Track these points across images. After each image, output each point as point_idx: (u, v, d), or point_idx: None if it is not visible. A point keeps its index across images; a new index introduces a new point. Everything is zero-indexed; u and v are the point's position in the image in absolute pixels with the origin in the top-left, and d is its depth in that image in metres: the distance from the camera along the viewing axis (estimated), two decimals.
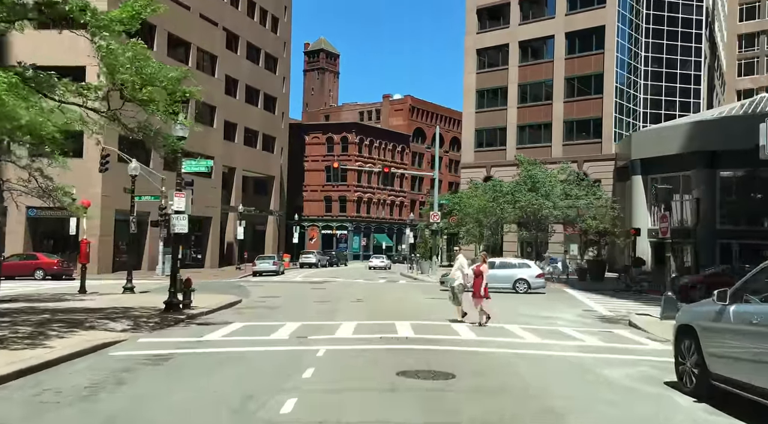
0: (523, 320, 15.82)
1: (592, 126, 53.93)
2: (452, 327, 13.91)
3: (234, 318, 15.31)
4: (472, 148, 60.66)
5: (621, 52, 53.75)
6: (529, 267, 27.74)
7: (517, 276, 26.62)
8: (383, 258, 59.91)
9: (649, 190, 45.21)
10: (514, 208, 45.33)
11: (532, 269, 27.45)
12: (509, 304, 20.41)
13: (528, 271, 27.10)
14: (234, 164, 54.39)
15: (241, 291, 25.51)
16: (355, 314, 16.56)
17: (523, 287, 26.31)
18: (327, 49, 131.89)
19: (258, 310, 17.75)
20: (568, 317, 17.07)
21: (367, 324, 14.24)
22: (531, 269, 27.51)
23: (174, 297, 15.65)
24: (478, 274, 14.76)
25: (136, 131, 13.81)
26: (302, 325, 13.93)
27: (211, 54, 48.08)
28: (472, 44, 60.86)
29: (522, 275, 26.65)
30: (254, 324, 14.09)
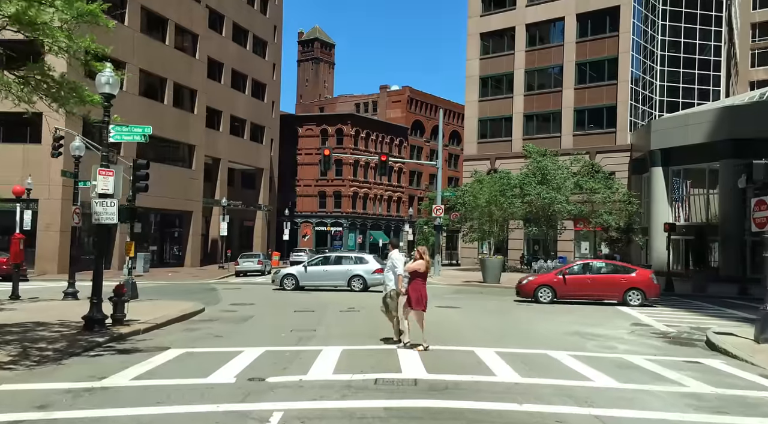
0: (567, 342, 11.84)
1: (606, 115, 49.87)
2: (477, 357, 9.87)
3: (177, 340, 11.30)
4: (475, 139, 56.59)
5: (637, 34, 49.74)
6: (366, 262, 24.79)
7: (353, 272, 24.24)
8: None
9: (670, 182, 41.39)
10: (523, 202, 41.45)
11: (370, 265, 24.49)
12: (530, 315, 16.48)
13: (364, 267, 24.49)
14: (218, 155, 50.26)
15: (211, 296, 21.50)
16: (343, 332, 12.56)
17: (359, 285, 23.98)
18: (322, 38, 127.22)
19: (218, 325, 13.71)
20: (622, 335, 13.11)
21: (358, 351, 10.23)
22: (368, 264, 24.58)
23: (97, 311, 11.60)
24: (416, 275, 10.72)
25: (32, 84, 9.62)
26: (266, 353, 9.91)
27: (191, 33, 43.92)
28: (476, 28, 56.76)
29: (358, 271, 24.25)
30: (199, 352, 10.05)
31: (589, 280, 20.34)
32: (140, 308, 15.80)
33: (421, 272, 10.68)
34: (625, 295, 19.83)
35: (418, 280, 10.66)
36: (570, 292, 20.31)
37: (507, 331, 13.33)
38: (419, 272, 10.66)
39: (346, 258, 25.80)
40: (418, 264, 10.71)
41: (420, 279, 10.68)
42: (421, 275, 10.69)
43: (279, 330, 12.81)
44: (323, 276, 24.58)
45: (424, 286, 10.77)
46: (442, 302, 20.08)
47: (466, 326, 14.09)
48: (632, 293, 19.84)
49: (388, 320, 11.18)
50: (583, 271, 21.11)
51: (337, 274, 24.48)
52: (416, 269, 10.66)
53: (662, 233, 41.09)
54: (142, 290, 23.26)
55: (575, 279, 20.45)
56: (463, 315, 16.30)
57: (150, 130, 12.43)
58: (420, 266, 10.69)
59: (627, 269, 21.37)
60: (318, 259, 26.22)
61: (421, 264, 10.73)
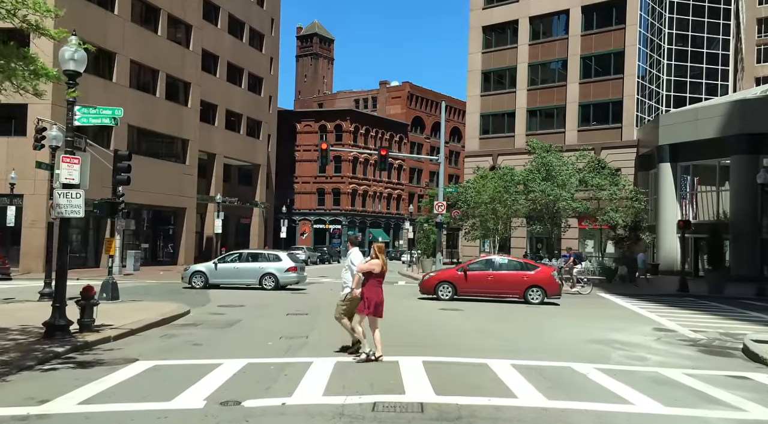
0: (589, 351, 10.54)
1: (611, 109, 48.53)
2: (491, 372, 8.55)
3: (149, 349, 9.98)
4: (477, 135, 55.25)
5: (644, 27, 48.39)
6: (279, 260, 23.86)
7: (265, 270, 23.37)
8: None
9: (679, 179, 40.10)
10: (527, 199, 40.13)
11: (283, 263, 23.62)
12: (540, 319, 15.19)
13: (277, 264, 23.63)
14: (213, 150, 48.90)
15: (199, 297, 20.17)
16: (338, 339, 11.22)
17: (271, 283, 23.20)
18: (321, 33, 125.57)
19: (200, 331, 12.38)
20: (647, 342, 11.81)
21: (354, 364, 8.90)
22: (281, 262, 23.67)
23: (60, 316, 10.27)
24: (371, 276, 9.43)
25: None
26: (248, 366, 8.59)
27: (185, 23, 42.50)
28: (478, 21, 55.39)
29: (270, 270, 23.40)
30: (170, 365, 8.72)
31: (490, 277, 19.84)
32: (118, 311, 14.50)
33: (375, 273, 9.35)
34: (526, 292, 19.58)
35: (373, 282, 9.35)
36: (471, 289, 19.87)
37: (519, 337, 12.02)
38: (374, 273, 9.34)
39: (259, 255, 24.75)
40: (373, 264, 9.38)
41: (375, 281, 9.36)
42: (376, 276, 9.35)
43: (267, 337, 11.49)
44: (234, 274, 23.55)
45: (380, 289, 9.46)
46: (445, 303, 18.81)
47: (473, 331, 12.78)
48: (533, 291, 19.56)
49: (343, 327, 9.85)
50: (486, 267, 20.52)
51: (249, 272, 23.51)
52: (370, 269, 9.33)
53: (671, 232, 39.96)
54: (128, 290, 21.99)
55: (476, 276, 20.03)
56: (467, 318, 14.99)
57: (121, 112, 11.08)
58: (374, 266, 9.36)
59: (529, 266, 20.87)
60: (229, 256, 25.05)
61: (376, 264, 9.39)
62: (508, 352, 10.21)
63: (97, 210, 16.76)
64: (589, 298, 22.65)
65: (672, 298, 23.20)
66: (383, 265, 9.48)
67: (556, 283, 19.91)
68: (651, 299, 22.32)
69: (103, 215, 15.77)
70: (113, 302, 16.99)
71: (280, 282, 23.25)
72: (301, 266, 25.20)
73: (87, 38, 34.43)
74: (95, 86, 34.26)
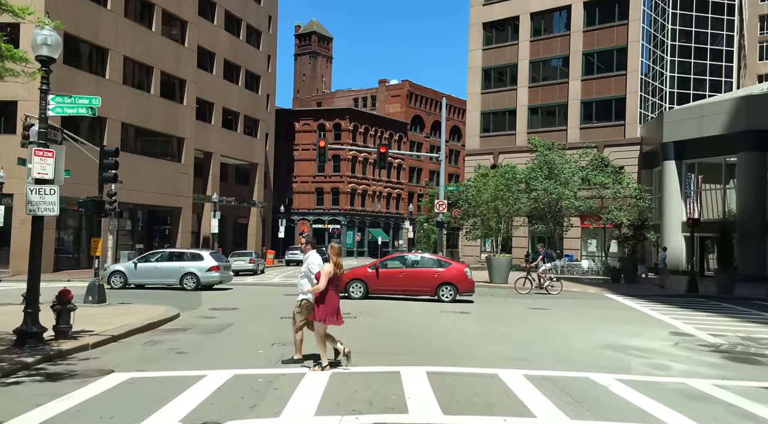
0: (606, 359, 9.74)
1: (614, 106, 47.77)
2: (503, 385, 7.75)
3: (129, 359, 9.17)
4: (477, 133, 54.45)
5: (647, 23, 47.60)
6: (201, 259, 23.24)
7: (186, 270, 22.79)
8: None
9: (684, 177, 39.29)
10: (529, 198, 39.35)
11: (204, 262, 23.03)
12: (549, 322, 14.40)
13: (198, 264, 23.07)
14: (210, 149, 48.09)
15: (192, 299, 19.38)
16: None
17: (192, 283, 22.67)
18: (319, 31, 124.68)
19: (187, 337, 11.58)
20: (666, 348, 11.01)
21: (351, 376, 8.10)
22: (203, 261, 23.07)
23: (32, 322, 9.46)
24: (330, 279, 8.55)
25: None
26: (234, 379, 7.78)
27: (180, 19, 41.67)
28: (478, 17, 54.61)
29: (191, 269, 22.86)
30: (148, 377, 7.91)
31: (402, 274, 19.25)
32: (102, 315, 13.71)
33: (330, 278, 8.48)
34: (438, 290, 19.14)
35: (331, 289, 8.49)
36: (382, 287, 19.40)
37: (530, 343, 11.22)
38: (329, 279, 8.45)
39: (180, 255, 24.05)
40: (325, 269, 8.51)
41: (330, 287, 8.52)
42: (330, 281, 8.50)
43: (258, 343, 10.69)
44: (154, 273, 22.94)
45: (335, 295, 8.58)
46: (448, 306, 18.00)
47: (480, 337, 11.98)
48: (445, 288, 19.14)
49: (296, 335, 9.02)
50: (399, 265, 19.99)
51: (169, 271, 22.86)
52: (328, 273, 8.44)
53: (675, 230, 39.19)
54: (117, 293, 21.22)
55: (388, 273, 19.61)
56: (474, 322, 14.19)
57: (98, 102, 10.27)
58: (330, 271, 8.47)
59: (443, 263, 20.31)
60: (152, 255, 24.38)
61: (329, 269, 8.50)
62: (519, 360, 9.41)
63: (83, 209, 15.95)
64: (596, 299, 21.85)
65: (682, 299, 22.42)
66: (336, 269, 8.56)
67: (468, 280, 19.43)
68: (660, 299, 21.55)
69: (89, 214, 14.95)
70: (99, 305, 16.20)
71: (201, 282, 22.70)
72: (226, 265, 24.61)
73: (79, 33, 33.81)
74: (87, 83, 33.42)
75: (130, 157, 37.08)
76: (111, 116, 35.21)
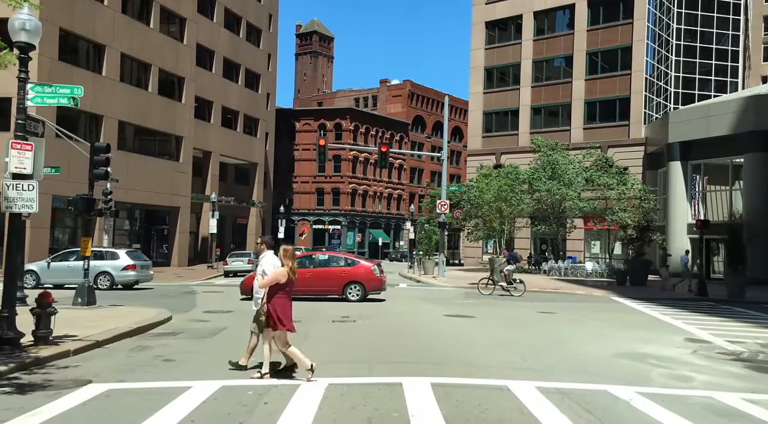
0: (623, 369, 9.10)
1: (618, 107, 47.15)
2: (515, 400, 7.12)
3: (110, 367, 8.55)
4: (479, 133, 53.84)
5: (651, 22, 46.97)
6: (116, 258, 22.89)
7: (100, 269, 22.27)
8: None
9: (689, 178, 38.67)
10: (532, 198, 38.74)
11: (120, 260, 22.70)
12: (558, 326, 13.76)
13: (113, 262, 22.76)
14: (209, 148, 47.48)
15: (186, 301, 18.78)
16: (334, 353, 9.82)
17: (106, 282, 22.40)
18: (320, 31, 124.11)
19: (177, 342, 10.95)
20: (684, 357, 10.38)
21: (350, 388, 7.47)
22: (118, 260, 22.75)
23: (8, 327, 8.83)
24: (276, 287, 7.89)
25: None
26: (221, 391, 7.16)
27: (179, 16, 41.08)
28: (481, 16, 54.04)
29: (105, 268, 22.49)
30: (127, 389, 7.28)
31: (309, 274, 18.48)
32: (89, 319, 13.09)
33: (282, 283, 7.81)
34: (345, 289, 18.81)
35: (280, 294, 7.82)
36: None
37: (540, 351, 10.58)
38: (280, 284, 7.80)
39: (97, 254, 23.12)
40: (278, 274, 7.79)
41: (282, 292, 7.82)
42: (281, 286, 7.81)
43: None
44: (68, 273, 22.14)
45: (286, 301, 7.92)
46: (452, 308, 17.37)
47: (484, 342, 11.34)
48: (352, 287, 18.83)
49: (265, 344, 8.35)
50: (305, 264, 19.34)
51: (82, 270, 22.09)
52: (276, 281, 7.76)
53: (681, 232, 38.52)
54: (111, 293, 20.63)
55: None
56: (479, 327, 13.55)
57: (81, 91, 9.65)
58: (280, 276, 7.78)
59: (350, 261, 19.89)
60: (69, 254, 23.69)
61: (281, 274, 7.80)
62: (530, 370, 8.78)
63: (72, 207, 15.31)
64: (603, 302, 21.19)
65: (691, 302, 21.76)
66: (290, 273, 7.87)
67: (377, 278, 19.03)
68: (669, 303, 20.91)
69: (79, 212, 14.35)
70: (88, 307, 15.58)
71: (115, 281, 22.47)
72: (145, 264, 24.04)
73: (75, 29, 33.19)
74: (83, 79, 32.80)
75: (128, 155, 36.53)
76: (107, 114, 34.62)
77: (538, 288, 26.16)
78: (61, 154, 29.49)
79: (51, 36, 30.93)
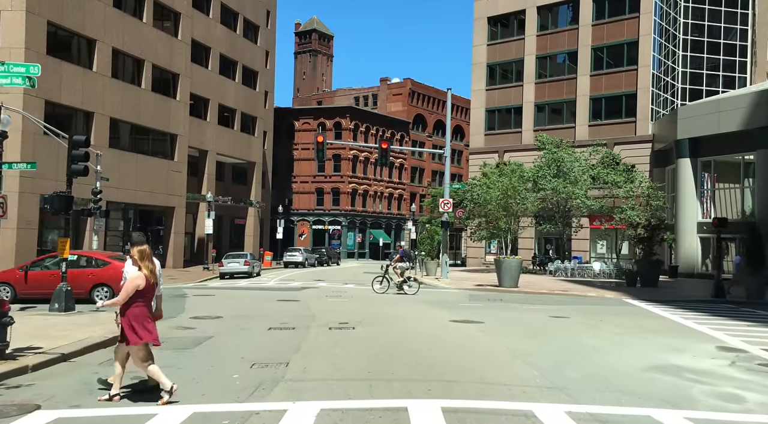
0: (660, 386, 7.95)
1: (625, 103, 46.02)
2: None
3: (70, 386, 7.41)
4: (482, 131, 52.72)
5: (658, 16, 45.81)
6: None
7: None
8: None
9: (699, 175, 37.52)
10: (537, 197, 37.61)
11: None
12: (578, 333, 12.61)
13: None
14: (205, 146, 46.35)
15: (175, 305, 17.63)
16: (329, 369, 8.66)
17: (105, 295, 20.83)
18: (320, 29, 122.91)
19: (154, 354, 9.76)
20: (723, 369, 9.23)
21: (346, 414, 6.31)
22: None
23: None
24: (136, 295, 6.71)
25: None
26: (192, 418, 6.02)
27: (173, 11, 39.96)
28: (483, 12, 52.93)
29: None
30: (81, 418, 6.13)
31: (53, 276, 17.30)
32: (61, 327, 11.95)
33: (141, 290, 6.67)
34: (92, 292, 17.84)
35: (139, 302, 6.68)
36: (32, 290, 17.84)
37: (562, 364, 9.41)
38: (139, 291, 6.64)
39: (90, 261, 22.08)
40: (134, 282, 6.64)
41: (140, 300, 6.68)
42: (140, 294, 6.67)
43: (236, 364, 8.91)
44: None
45: (143, 309, 6.74)
46: (459, 313, 16.20)
47: (500, 355, 10.16)
48: (99, 290, 17.91)
49: None
50: (52, 266, 18.38)
51: None
52: (134, 288, 6.61)
53: (690, 231, 37.36)
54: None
55: (39, 275, 18.18)
56: (489, 335, 12.38)
57: (38, 70, 8.53)
58: (138, 281, 6.64)
59: (99, 262, 18.94)
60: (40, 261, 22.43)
61: (139, 278, 6.66)
62: (554, 389, 7.61)
63: (48, 205, 14.19)
64: (616, 305, 20.02)
65: (709, 304, 20.62)
66: (150, 276, 6.73)
67: None
68: (686, 305, 19.76)
69: (54, 211, 13.26)
70: (66, 313, 14.45)
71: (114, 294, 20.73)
72: None
73: (64, 23, 32.01)
74: (72, 74, 31.76)
75: (120, 153, 35.43)
76: (98, 111, 33.50)
77: (546, 290, 25.02)
78: (50, 152, 28.40)
79: (39, 29, 29.84)
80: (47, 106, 30.22)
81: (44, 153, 28.47)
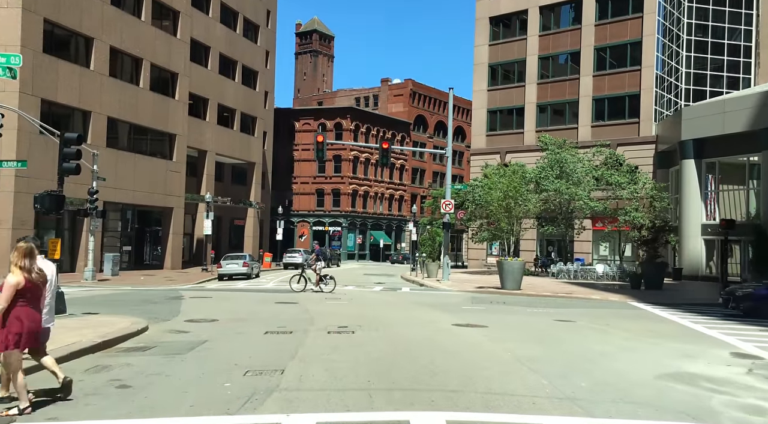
0: (678, 397, 7.52)
1: (628, 103, 45.60)
2: None
3: (45, 400, 6.96)
4: (483, 132, 52.32)
5: (662, 16, 45.39)
6: None
7: None
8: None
9: (704, 176, 37.07)
10: (539, 198, 37.17)
11: None
12: (583, 338, 12.17)
13: None
14: (204, 146, 45.95)
15: (170, 308, 17.22)
16: (327, 377, 8.22)
17: None
18: (320, 30, 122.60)
19: (143, 360, 9.37)
20: (741, 378, 8.81)
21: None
22: None
23: None
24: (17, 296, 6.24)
25: None
26: None
27: (172, 9, 39.58)
28: (485, 12, 52.56)
29: None
30: None
31: None
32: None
33: (20, 289, 6.20)
34: None
35: (21, 302, 6.21)
36: None
37: (571, 371, 8.97)
38: (19, 291, 6.19)
39: None
40: (10, 286, 6.15)
41: (22, 300, 6.21)
42: (21, 293, 6.20)
43: (229, 371, 8.48)
44: None
45: (31, 310, 6.31)
46: (460, 316, 15.76)
47: (505, 362, 9.71)
48: None
49: None
50: None
51: None
52: (10, 294, 6.14)
53: (694, 233, 36.91)
54: (90, 299, 19.12)
55: None
56: (493, 340, 11.94)
57: (19, 60, 8.11)
58: (17, 282, 6.19)
59: None
60: None
61: (15, 283, 6.19)
62: (566, 400, 7.16)
63: (38, 205, 13.77)
64: (622, 308, 19.58)
65: (717, 308, 20.12)
66: (26, 275, 6.24)
67: None
68: (693, 309, 19.31)
69: (45, 211, 12.85)
70: (59, 316, 13.96)
71: None
72: None
73: (60, 20, 31.63)
74: (69, 73, 31.38)
75: (118, 153, 35.05)
76: (96, 110, 33.13)
77: (549, 292, 24.57)
78: (46, 151, 28.01)
79: (35, 27, 29.46)
80: (43, 105, 29.84)
81: (40, 152, 28.08)
